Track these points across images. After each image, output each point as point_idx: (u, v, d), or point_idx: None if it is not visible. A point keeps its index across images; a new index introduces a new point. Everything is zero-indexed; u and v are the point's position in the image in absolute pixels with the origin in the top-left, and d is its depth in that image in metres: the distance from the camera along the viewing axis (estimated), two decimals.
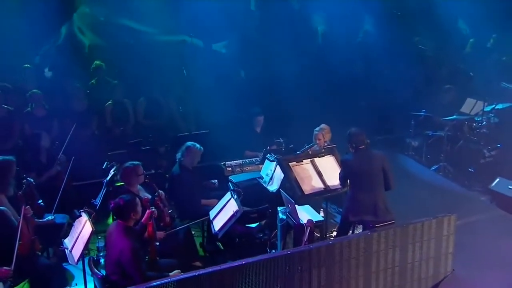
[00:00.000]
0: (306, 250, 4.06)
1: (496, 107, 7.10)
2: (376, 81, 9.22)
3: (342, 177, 4.91)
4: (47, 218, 5.21)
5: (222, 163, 6.28)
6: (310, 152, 5.49)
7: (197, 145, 5.51)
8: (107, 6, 9.31)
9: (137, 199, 4.20)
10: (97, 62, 8.18)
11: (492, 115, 7.07)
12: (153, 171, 6.20)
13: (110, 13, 9.41)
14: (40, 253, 5.10)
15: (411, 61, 9.62)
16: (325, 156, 5.37)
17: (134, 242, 3.97)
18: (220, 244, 5.51)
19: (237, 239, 5.12)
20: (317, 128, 5.89)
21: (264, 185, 5.57)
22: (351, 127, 5.00)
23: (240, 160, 6.29)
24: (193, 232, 5.69)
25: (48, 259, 5.23)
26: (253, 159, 6.39)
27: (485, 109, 7.14)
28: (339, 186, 5.08)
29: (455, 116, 7.18)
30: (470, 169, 6.92)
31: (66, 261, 4.84)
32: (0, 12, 8.14)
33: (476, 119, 7.17)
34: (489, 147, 6.84)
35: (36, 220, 5.05)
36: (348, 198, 4.83)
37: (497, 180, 6.00)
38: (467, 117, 7.24)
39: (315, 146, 5.81)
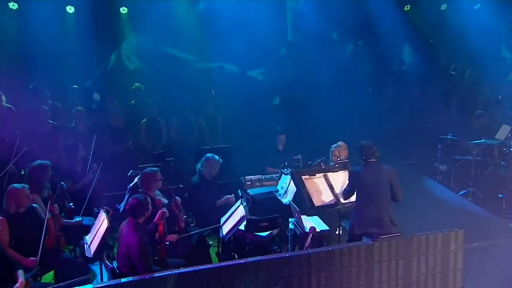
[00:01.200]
0: (305, 254, 4.14)
1: None
2: (408, 106, 9.22)
3: (348, 190, 4.95)
4: (75, 220, 5.63)
5: (242, 177, 6.50)
6: (323, 166, 5.61)
7: (216, 157, 5.80)
8: (153, 36, 10.04)
9: (148, 198, 4.51)
10: (137, 84, 8.84)
11: None
12: (177, 186, 6.48)
13: (156, 42, 10.13)
14: (67, 251, 5.52)
15: (446, 87, 9.58)
16: (339, 171, 5.46)
17: (142, 238, 4.25)
18: (235, 254, 5.65)
19: (247, 247, 5.25)
20: (334, 145, 6.02)
21: (279, 197, 5.72)
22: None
23: (260, 175, 6.49)
24: (211, 243, 5.90)
25: (75, 258, 5.61)
26: (273, 175, 6.56)
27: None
28: (350, 200, 5.12)
29: (483, 140, 7.03)
30: (500, 195, 6.70)
31: (92, 262, 5.22)
32: (59, 41, 9.05)
33: (507, 143, 6.98)
34: None
35: (65, 220, 5.49)
36: (354, 211, 4.87)
37: None
38: (497, 142, 7.06)
39: (331, 163, 5.91)
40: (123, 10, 9.68)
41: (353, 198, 5.00)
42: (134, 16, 9.78)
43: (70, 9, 9.29)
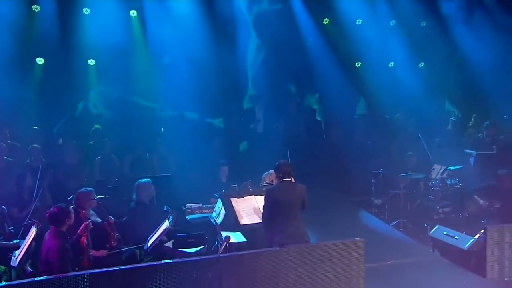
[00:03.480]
0: (215, 258, 4.47)
1: (448, 168, 7.50)
2: (353, 149, 9.87)
3: (267, 214, 5.18)
4: (13, 242, 5.86)
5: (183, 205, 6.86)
6: (251, 189, 6.03)
7: (144, 179, 6.19)
8: (119, 85, 10.64)
9: (71, 208, 4.85)
10: (96, 125, 9.36)
11: (445, 176, 7.47)
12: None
13: (121, 91, 10.72)
14: (5, 277, 5.68)
15: (388, 133, 10.30)
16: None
17: (63, 243, 4.52)
18: None
19: None
20: (265, 172, 6.47)
21: (212, 220, 6.07)
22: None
23: (200, 203, 6.87)
24: None
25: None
26: (214, 204, 6.91)
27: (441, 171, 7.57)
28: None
29: (408, 173, 7.59)
30: (426, 225, 7.13)
31: None
32: (28, 90, 9.62)
33: (432, 178, 7.56)
34: (441, 204, 7.13)
35: (3, 242, 5.75)
36: (270, 227, 5.15)
37: (436, 227, 6.26)
38: (421, 176, 7.63)
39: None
40: (91, 62, 10.30)
41: None
42: (101, 67, 10.41)
43: (40, 61, 9.83)
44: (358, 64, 11.96)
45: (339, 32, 11.46)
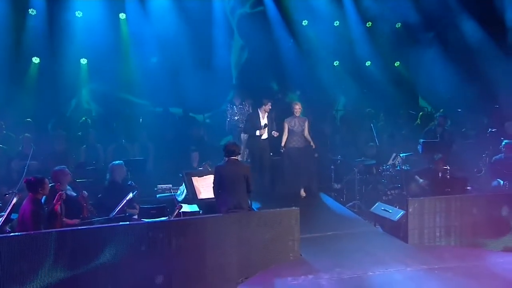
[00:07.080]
0: (167, 221, 5.21)
1: (399, 155, 8.21)
2: (322, 141, 10.54)
3: (216, 188, 5.86)
4: (1, 214, 6.63)
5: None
6: (210, 169, 6.77)
7: (117, 162, 6.94)
8: (112, 83, 11.39)
9: (46, 179, 5.61)
10: (84, 118, 10.13)
11: (396, 162, 8.17)
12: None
13: (114, 88, 11.48)
14: None
15: (357, 125, 10.96)
16: None
17: (36, 207, 5.27)
18: None
19: None
20: None
21: (176, 197, 6.83)
22: None
23: (170, 184, 7.62)
24: None
25: None
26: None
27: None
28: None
29: (362, 158, 8.30)
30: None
31: None
32: (24, 87, 10.41)
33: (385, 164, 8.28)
34: (390, 187, 7.83)
35: None
36: (219, 199, 5.89)
37: (376, 204, 6.97)
38: (373, 162, 8.34)
39: None
40: (83, 61, 11.08)
41: None
42: (93, 66, 11.18)
43: (35, 60, 10.65)
44: (336, 62, 12.66)
45: (318, 32, 12.15)
